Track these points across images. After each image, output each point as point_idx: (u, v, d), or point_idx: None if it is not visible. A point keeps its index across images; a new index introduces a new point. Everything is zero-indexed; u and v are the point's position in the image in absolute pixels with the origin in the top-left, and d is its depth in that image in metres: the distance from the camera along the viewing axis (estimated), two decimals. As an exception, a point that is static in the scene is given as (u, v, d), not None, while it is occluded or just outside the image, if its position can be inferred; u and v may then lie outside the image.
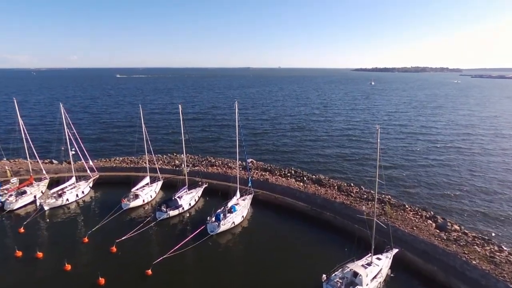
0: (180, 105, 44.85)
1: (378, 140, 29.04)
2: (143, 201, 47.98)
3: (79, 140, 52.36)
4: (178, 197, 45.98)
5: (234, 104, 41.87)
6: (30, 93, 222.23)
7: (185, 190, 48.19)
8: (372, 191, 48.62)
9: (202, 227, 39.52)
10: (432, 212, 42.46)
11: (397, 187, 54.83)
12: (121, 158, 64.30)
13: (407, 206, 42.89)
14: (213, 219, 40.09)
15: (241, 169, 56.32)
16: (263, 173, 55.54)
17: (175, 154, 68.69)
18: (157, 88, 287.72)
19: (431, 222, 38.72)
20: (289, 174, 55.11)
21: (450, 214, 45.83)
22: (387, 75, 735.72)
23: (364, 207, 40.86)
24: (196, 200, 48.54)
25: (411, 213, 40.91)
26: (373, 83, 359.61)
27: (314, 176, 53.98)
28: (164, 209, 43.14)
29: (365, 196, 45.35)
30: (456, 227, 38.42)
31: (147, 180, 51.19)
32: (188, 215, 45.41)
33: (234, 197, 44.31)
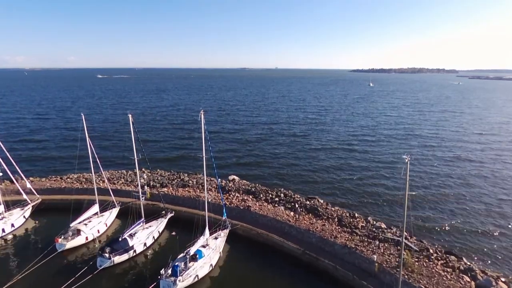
0: (130, 115, 33.99)
1: (408, 176, 18.49)
2: (87, 238, 36.93)
3: (8, 155, 41.46)
4: (130, 235, 35.13)
5: (200, 114, 31.11)
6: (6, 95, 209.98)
7: (140, 225, 37.33)
8: (383, 225, 37.99)
9: (153, 285, 28.71)
10: (465, 260, 31.76)
11: (412, 218, 43.96)
12: (75, 176, 53.20)
13: (431, 251, 32.18)
14: (169, 271, 29.25)
15: (218, 190, 45.54)
16: (245, 197, 44.64)
17: (142, 169, 57.61)
18: (147, 89, 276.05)
19: (468, 279, 28.03)
20: (277, 199, 44.24)
21: (484, 259, 35.36)
22: (384, 76, 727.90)
23: (375, 256, 30.14)
24: (156, 238, 37.54)
25: (439, 262, 30.21)
26: (371, 85, 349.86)
27: (308, 202, 43.18)
28: (107, 254, 32.17)
29: (375, 236, 34.50)
30: (503, 284, 27.81)
31: (95, 208, 40.13)
32: (142, 260, 34.41)
33: (201, 237, 33.43)
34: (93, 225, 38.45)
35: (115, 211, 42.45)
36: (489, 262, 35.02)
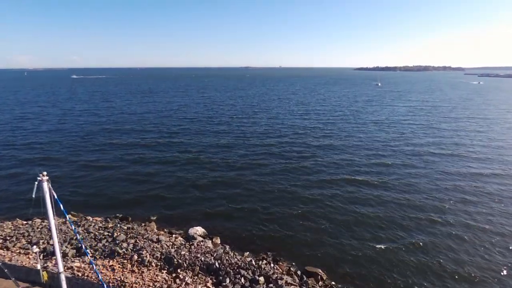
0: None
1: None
2: None
3: None
4: None
5: (41, 181, 13.66)
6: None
7: None
8: None
9: None
10: None
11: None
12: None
13: None
14: None
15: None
16: (200, 286, 26.76)
17: (67, 215, 39.92)
18: (141, 89, 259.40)
19: None
20: (254, 290, 26.39)
21: None
22: (390, 74, 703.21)
23: None
24: None
25: None
26: (379, 84, 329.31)
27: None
28: None
29: None
30: None
31: None
32: None
33: None
34: None
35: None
36: None
